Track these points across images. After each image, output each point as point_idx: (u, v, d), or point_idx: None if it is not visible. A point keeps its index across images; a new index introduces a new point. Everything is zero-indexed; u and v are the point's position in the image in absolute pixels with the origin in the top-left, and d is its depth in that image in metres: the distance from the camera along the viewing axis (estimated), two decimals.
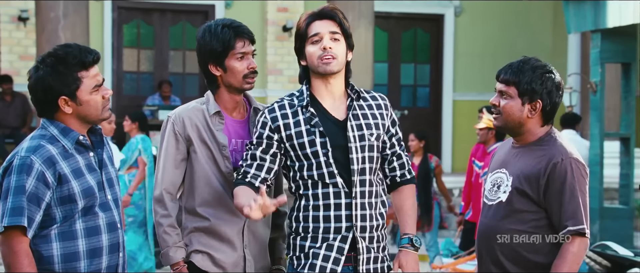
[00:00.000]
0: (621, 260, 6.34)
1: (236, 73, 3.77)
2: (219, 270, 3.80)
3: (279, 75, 14.25)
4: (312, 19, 3.71)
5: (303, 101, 3.70)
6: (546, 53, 15.26)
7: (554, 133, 3.73)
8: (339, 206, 3.68)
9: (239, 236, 3.81)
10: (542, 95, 3.66)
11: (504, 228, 3.65)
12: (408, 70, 15.27)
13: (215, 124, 3.81)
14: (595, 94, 8.83)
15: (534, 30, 15.17)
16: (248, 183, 3.69)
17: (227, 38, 3.73)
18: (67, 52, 3.38)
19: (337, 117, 3.73)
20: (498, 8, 15.11)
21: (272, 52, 14.24)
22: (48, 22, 11.49)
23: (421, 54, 15.35)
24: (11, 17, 13.45)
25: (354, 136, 3.69)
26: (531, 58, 3.72)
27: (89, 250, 3.40)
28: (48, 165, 3.31)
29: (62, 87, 3.36)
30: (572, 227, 3.55)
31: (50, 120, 3.42)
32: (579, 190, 3.58)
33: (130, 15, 14.05)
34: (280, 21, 14.20)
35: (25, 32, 13.29)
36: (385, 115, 3.80)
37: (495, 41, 15.16)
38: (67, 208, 3.36)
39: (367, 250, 3.72)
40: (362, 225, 3.69)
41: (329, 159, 3.66)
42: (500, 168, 3.74)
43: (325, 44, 3.65)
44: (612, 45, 8.77)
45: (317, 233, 3.69)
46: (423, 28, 15.34)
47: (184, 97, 13.92)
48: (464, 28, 15.19)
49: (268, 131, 3.71)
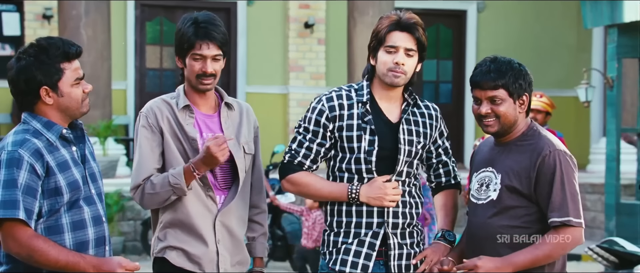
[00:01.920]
0: (628, 256, 6.27)
1: (191, 71, 3.76)
2: (194, 266, 3.76)
3: (301, 71, 14.21)
4: (393, 28, 3.72)
5: (362, 97, 3.78)
6: (570, 49, 15.12)
7: (536, 126, 3.72)
8: None
9: (210, 231, 3.78)
10: (527, 89, 3.67)
11: (496, 225, 3.63)
12: (430, 66, 15.18)
13: (185, 118, 3.78)
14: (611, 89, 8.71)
15: (558, 26, 15.01)
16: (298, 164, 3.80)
17: (189, 35, 3.71)
18: (50, 43, 3.36)
19: (391, 119, 3.79)
20: (521, 4, 14.96)
21: (293, 48, 14.21)
22: (70, 19, 11.59)
23: (444, 50, 15.28)
24: (36, 15, 13.57)
25: (404, 139, 3.76)
26: (496, 57, 3.70)
27: (75, 243, 3.38)
28: (36, 157, 3.30)
29: (44, 77, 3.33)
30: (557, 218, 3.54)
31: (32, 115, 3.40)
32: (567, 182, 3.57)
33: (153, 13, 14.10)
34: (301, 18, 14.16)
35: (49, 29, 13.38)
36: (434, 127, 3.88)
37: (518, 37, 15.02)
38: (53, 201, 3.34)
39: (399, 247, 3.78)
40: (394, 221, 3.76)
41: (371, 156, 3.73)
42: (487, 167, 3.71)
43: (398, 60, 3.70)
44: (629, 40, 8.66)
45: (350, 228, 3.76)
46: (445, 24, 15.25)
47: None
48: (486, 24, 15.07)
49: (324, 120, 3.78)
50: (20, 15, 13.68)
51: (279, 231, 10.04)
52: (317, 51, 14.16)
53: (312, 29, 14.10)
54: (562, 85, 14.30)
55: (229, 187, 3.84)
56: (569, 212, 3.54)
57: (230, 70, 14.36)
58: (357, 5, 12.18)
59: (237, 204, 3.83)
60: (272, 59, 14.31)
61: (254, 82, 14.36)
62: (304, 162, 3.81)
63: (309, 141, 3.80)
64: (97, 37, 11.56)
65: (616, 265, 6.34)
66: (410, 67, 3.75)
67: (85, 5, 11.43)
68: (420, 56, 3.79)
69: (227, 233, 3.81)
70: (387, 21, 3.74)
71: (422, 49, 3.77)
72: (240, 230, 3.87)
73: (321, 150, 3.80)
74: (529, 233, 3.61)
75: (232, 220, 3.82)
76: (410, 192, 3.83)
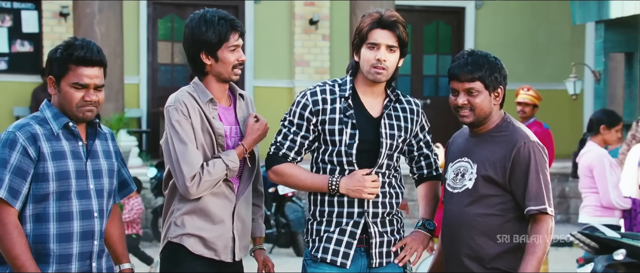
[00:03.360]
0: (608, 242, 6.27)
1: (227, 64, 3.74)
2: (210, 253, 3.77)
3: (306, 66, 14.29)
4: (375, 26, 3.72)
5: (345, 92, 3.77)
6: (565, 44, 15.13)
7: (509, 118, 3.74)
8: None
9: (229, 218, 3.80)
10: (502, 82, 3.68)
11: (471, 213, 3.66)
12: (430, 61, 15.24)
13: (209, 111, 3.76)
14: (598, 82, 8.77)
15: (553, 22, 15.02)
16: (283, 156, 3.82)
17: (224, 30, 3.71)
18: (73, 43, 3.43)
19: (372, 114, 3.80)
20: (517, 2, 14.99)
21: (299, 44, 14.28)
22: (84, 17, 11.70)
23: (443, 46, 15.29)
24: (53, 13, 13.66)
25: (385, 133, 3.77)
26: (474, 50, 3.72)
27: (59, 234, 3.38)
28: (31, 141, 3.34)
29: (53, 68, 3.42)
30: (534, 207, 3.58)
31: (48, 104, 3.47)
32: (541, 173, 3.60)
33: (164, 10, 14.19)
34: (307, 15, 14.23)
35: (66, 27, 13.47)
36: (415, 121, 3.87)
37: (514, 33, 15.04)
38: (40, 187, 3.36)
39: (380, 235, 3.80)
40: (374, 211, 3.77)
41: (351, 149, 3.73)
42: (462, 158, 3.74)
43: (380, 56, 3.70)
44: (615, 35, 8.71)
45: (332, 217, 3.78)
46: (444, 21, 15.28)
47: None
48: (484, 20, 15.09)
49: (308, 113, 3.78)
50: (38, 13, 13.77)
51: (283, 219, 10.13)
52: (321, 47, 14.23)
53: (317, 26, 14.16)
54: (556, 79, 14.29)
55: (240, 174, 3.86)
56: (545, 201, 3.58)
57: None
58: (359, 2, 12.24)
59: (248, 191, 3.88)
60: (279, 54, 14.39)
61: (261, 76, 14.45)
62: (288, 154, 3.82)
63: (293, 134, 3.81)
64: (110, 34, 11.66)
65: (596, 250, 6.36)
66: (392, 63, 3.74)
67: (98, 4, 11.54)
68: (402, 52, 3.77)
69: (239, 219, 3.85)
70: (369, 19, 3.74)
71: (403, 45, 3.75)
72: (248, 215, 3.91)
73: (305, 142, 3.81)
74: (503, 221, 3.64)
75: (243, 206, 3.87)
76: (391, 183, 3.83)
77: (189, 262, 3.75)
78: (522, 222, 3.64)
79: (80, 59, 3.39)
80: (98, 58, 3.42)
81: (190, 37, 3.75)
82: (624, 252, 6.15)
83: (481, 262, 3.65)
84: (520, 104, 8.41)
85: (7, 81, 13.57)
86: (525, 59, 15.05)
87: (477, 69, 3.62)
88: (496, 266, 3.64)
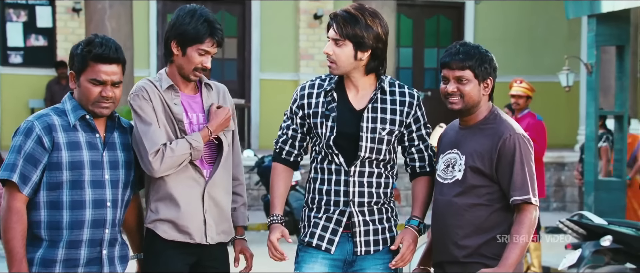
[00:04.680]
0: (595, 229, 6.33)
1: (191, 63, 3.74)
2: (184, 237, 3.77)
3: (311, 60, 14.35)
4: (330, 22, 3.73)
5: (330, 86, 3.77)
6: (562, 37, 15.13)
7: (497, 110, 3.74)
8: (338, 182, 3.77)
9: (198, 201, 3.79)
10: (491, 73, 3.68)
11: (460, 203, 3.66)
12: (431, 54, 15.28)
13: (171, 97, 3.76)
14: (590, 74, 8.76)
15: (551, 17, 15.01)
16: (284, 160, 3.87)
17: (203, 32, 3.69)
18: (96, 40, 3.47)
19: (356, 106, 3.77)
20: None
21: (304, 38, 14.33)
22: (95, 12, 11.74)
23: (443, 39, 15.32)
24: (66, 8, 13.76)
25: (366, 126, 3.74)
26: (466, 42, 3.74)
27: (70, 221, 3.43)
28: (46, 131, 3.39)
29: (74, 63, 3.47)
30: (518, 197, 3.58)
31: (70, 96, 3.52)
32: (526, 163, 3.60)
33: (174, 6, 14.22)
34: (311, 10, 14.28)
35: (79, 22, 13.55)
36: (407, 113, 3.80)
37: (513, 27, 15.07)
38: (53, 175, 3.41)
39: (364, 223, 3.79)
40: (359, 200, 3.77)
41: (330, 141, 3.73)
42: (452, 149, 3.72)
43: (326, 50, 3.72)
44: (607, 29, 8.67)
45: (321, 204, 3.80)
46: (445, 15, 15.32)
47: (223, 80, 14.04)
48: (483, 15, 15.11)
49: (295, 107, 3.83)
50: (52, 8, 13.85)
51: (287, 207, 10.18)
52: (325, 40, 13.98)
53: (321, 20, 14.19)
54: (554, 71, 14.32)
55: (213, 161, 3.85)
56: (529, 191, 3.58)
57: (245, 58, 14.50)
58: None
59: (222, 176, 3.85)
60: (284, 47, 14.44)
61: (267, 69, 14.50)
62: (283, 147, 3.87)
63: (285, 127, 3.87)
64: (120, 29, 11.70)
65: (584, 236, 6.42)
66: (341, 57, 3.69)
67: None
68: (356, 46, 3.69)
69: (214, 204, 3.82)
70: (329, 16, 3.78)
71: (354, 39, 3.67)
72: (225, 201, 3.88)
73: (297, 135, 3.85)
74: (490, 211, 3.64)
75: (218, 191, 3.84)
76: (380, 173, 3.80)
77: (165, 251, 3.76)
78: (508, 212, 3.65)
79: (98, 56, 3.43)
80: (116, 56, 3.46)
81: (173, 23, 3.76)
82: (610, 238, 6.21)
83: (467, 249, 3.66)
84: (513, 96, 8.43)
85: (22, 74, 13.68)
86: (523, 53, 15.06)
87: (467, 58, 3.63)
88: (482, 252, 3.65)
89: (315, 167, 3.83)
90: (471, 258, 3.66)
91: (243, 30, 14.55)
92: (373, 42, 3.71)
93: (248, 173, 11.81)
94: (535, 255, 8.40)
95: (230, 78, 14.34)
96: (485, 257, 3.64)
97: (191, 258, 3.82)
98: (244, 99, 13.98)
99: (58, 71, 13.21)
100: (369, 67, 3.76)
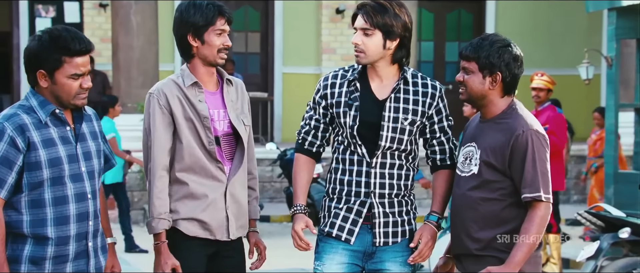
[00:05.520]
0: (614, 221, 6.27)
1: (213, 47, 3.75)
2: (206, 233, 3.80)
3: (333, 53, 14.33)
4: (356, 12, 3.76)
5: (353, 76, 3.78)
6: (582, 31, 15.00)
7: (516, 105, 3.69)
8: (360, 173, 3.77)
9: (221, 198, 3.81)
10: (500, 68, 3.60)
11: (474, 196, 3.63)
12: (453, 48, 15.19)
13: (195, 94, 3.77)
14: (610, 67, 8.68)
15: (571, 10, 14.87)
16: (306, 150, 3.88)
17: (211, 14, 3.71)
18: (60, 34, 3.33)
19: (379, 96, 3.76)
20: None
21: (326, 32, 14.32)
22: (121, 7, 11.79)
23: (464, 33, 15.24)
24: (94, 4, 13.83)
25: (388, 116, 3.74)
26: (492, 34, 3.69)
27: (56, 218, 3.35)
28: (19, 132, 3.27)
29: (44, 62, 3.31)
30: (528, 194, 3.55)
31: (33, 92, 3.39)
32: (538, 160, 3.56)
33: None
34: (333, 5, 14.25)
35: (105, 17, 13.62)
36: (429, 104, 3.80)
37: (534, 21, 14.95)
38: (33, 175, 3.31)
39: (384, 215, 3.78)
40: (380, 192, 3.77)
41: (353, 131, 3.73)
42: (471, 142, 3.70)
43: (354, 40, 3.73)
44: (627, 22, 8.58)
45: (342, 194, 3.80)
46: (466, 9, 15.23)
47: (247, 74, 14.10)
48: (504, 9, 15.02)
49: (318, 97, 3.83)
50: (79, 4, 13.93)
51: (308, 199, 10.19)
52: (347, 34, 14.22)
53: (343, 15, 14.16)
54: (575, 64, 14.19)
55: (232, 157, 3.87)
56: (539, 188, 3.53)
57: (268, 52, 14.51)
58: None
59: (241, 173, 3.88)
60: (307, 42, 14.43)
61: (289, 63, 14.50)
62: (306, 138, 3.88)
63: (308, 117, 3.87)
64: (145, 23, 11.75)
65: (602, 228, 6.37)
66: (370, 47, 3.71)
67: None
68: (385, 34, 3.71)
69: (234, 200, 3.85)
70: (355, 8, 3.80)
71: (383, 28, 3.70)
72: (243, 196, 3.92)
73: (320, 125, 3.85)
74: (503, 205, 3.61)
75: (237, 188, 3.87)
76: (401, 165, 3.80)
77: (185, 243, 3.79)
78: (521, 207, 3.61)
79: (77, 52, 3.31)
80: (89, 47, 3.35)
81: (179, 20, 3.77)
82: (628, 230, 6.15)
83: (481, 242, 3.64)
84: (534, 89, 8.38)
85: None
86: (544, 45, 14.95)
87: (474, 50, 3.61)
88: (495, 246, 3.63)
89: (337, 157, 3.83)
90: (485, 252, 3.64)
91: (266, 25, 14.56)
92: (401, 31, 3.72)
93: (270, 165, 11.83)
94: (555, 247, 8.35)
95: (253, 72, 14.36)
96: (499, 250, 3.62)
97: (210, 249, 3.85)
98: (266, 93, 13.99)
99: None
100: (396, 56, 3.77)
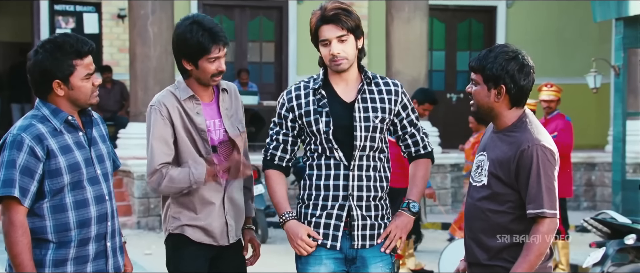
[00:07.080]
0: (620, 227, 6.24)
1: (206, 72, 3.77)
2: (209, 239, 3.85)
3: None
4: (320, 23, 3.68)
5: (316, 84, 3.76)
6: (593, 40, 14.95)
7: (526, 117, 3.60)
8: (337, 176, 3.75)
9: (221, 205, 3.85)
10: (505, 80, 3.51)
11: (483, 207, 3.59)
12: (464, 57, 15.17)
13: (192, 107, 3.80)
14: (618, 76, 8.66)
15: (581, 20, 14.84)
16: (277, 165, 3.85)
17: (206, 43, 3.70)
18: (65, 40, 3.36)
19: (346, 99, 3.76)
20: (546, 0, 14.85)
21: None
22: (138, 18, 11.83)
23: (475, 42, 15.22)
24: (112, 15, 13.90)
25: (359, 116, 3.73)
26: (501, 45, 3.60)
27: (78, 221, 3.39)
28: (37, 141, 3.31)
29: (57, 71, 3.34)
30: (532, 210, 3.48)
31: (43, 102, 3.42)
32: (543, 175, 3.47)
33: (213, 11, 14.32)
34: None
35: (123, 27, 13.69)
36: (394, 101, 3.81)
37: (544, 30, 14.91)
38: (54, 181, 3.35)
39: (363, 218, 3.77)
40: (358, 194, 3.75)
41: (329, 136, 3.71)
42: (483, 152, 3.66)
43: (333, 51, 3.67)
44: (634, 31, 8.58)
45: (318, 200, 3.76)
46: (477, 19, 15.19)
47: (261, 83, 14.14)
48: (514, 18, 14.98)
49: (284, 111, 3.80)
50: (98, 15, 14.02)
51: None
52: None
53: None
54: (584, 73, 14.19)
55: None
56: (544, 203, 3.46)
57: (283, 62, 14.54)
58: (394, 2, 12.20)
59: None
60: None
61: (304, 72, 14.50)
62: (274, 154, 3.84)
63: (275, 133, 3.84)
64: (162, 34, 11.77)
65: (608, 235, 6.34)
66: (348, 51, 3.69)
67: (151, 5, 11.67)
68: (356, 35, 3.71)
69: (232, 205, 3.90)
70: (315, 18, 3.71)
71: (354, 29, 3.68)
72: (241, 199, 3.96)
73: (288, 139, 3.82)
74: (511, 218, 3.56)
75: (235, 192, 3.92)
76: (376, 167, 3.79)
77: (189, 247, 3.83)
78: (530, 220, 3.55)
79: (86, 53, 3.36)
80: (94, 45, 3.40)
81: (176, 43, 3.78)
82: (634, 237, 6.12)
83: (489, 252, 3.61)
84: (545, 101, 8.37)
85: None
86: (554, 55, 14.91)
87: (480, 62, 3.56)
88: (503, 256, 3.59)
89: (311, 164, 3.80)
90: (493, 261, 3.61)
91: (280, 35, 14.60)
92: (361, 28, 3.75)
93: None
94: (563, 253, 8.32)
95: (268, 81, 14.40)
96: (507, 260, 3.57)
97: (212, 252, 3.91)
98: None
99: (103, 75, 13.37)
100: (360, 55, 3.79)
